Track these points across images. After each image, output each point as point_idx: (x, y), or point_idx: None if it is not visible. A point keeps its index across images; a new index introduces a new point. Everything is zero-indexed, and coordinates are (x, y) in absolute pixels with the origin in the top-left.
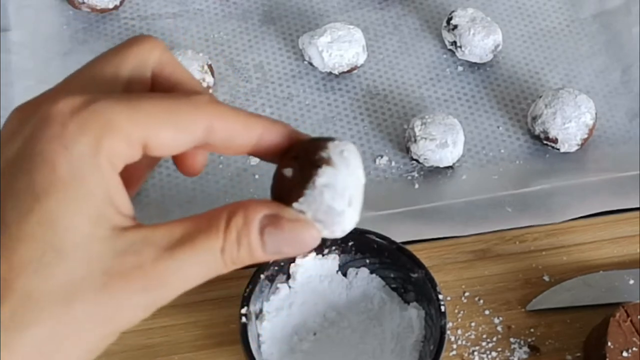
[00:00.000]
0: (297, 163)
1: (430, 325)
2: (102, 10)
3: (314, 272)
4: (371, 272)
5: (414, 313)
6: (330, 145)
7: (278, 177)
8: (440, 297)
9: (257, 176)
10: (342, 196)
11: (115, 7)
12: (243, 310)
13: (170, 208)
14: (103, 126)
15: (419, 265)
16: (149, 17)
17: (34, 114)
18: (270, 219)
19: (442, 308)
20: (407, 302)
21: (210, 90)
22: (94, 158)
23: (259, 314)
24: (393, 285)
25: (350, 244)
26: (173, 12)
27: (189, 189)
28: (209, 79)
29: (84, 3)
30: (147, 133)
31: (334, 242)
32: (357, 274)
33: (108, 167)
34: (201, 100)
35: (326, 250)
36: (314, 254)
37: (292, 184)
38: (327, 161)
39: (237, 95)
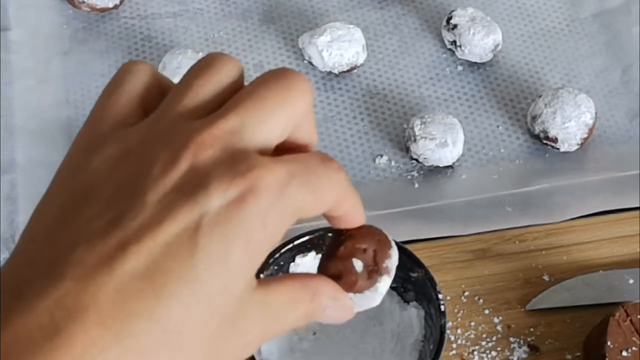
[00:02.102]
0: (365, 258)
1: (430, 324)
2: (102, 10)
3: (314, 271)
4: None
5: (414, 312)
6: (393, 254)
7: (343, 260)
8: (440, 296)
9: None
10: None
11: (115, 7)
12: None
13: None
14: (294, 213)
15: (419, 264)
16: (149, 16)
17: (240, 173)
18: (333, 302)
19: (442, 307)
20: (407, 301)
21: None
22: (274, 240)
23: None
24: (393, 285)
25: None
26: (173, 12)
27: None
28: None
29: (83, 2)
30: (304, 208)
31: None
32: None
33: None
34: (337, 173)
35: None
36: (314, 253)
37: (356, 277)
38: (389, 272)
39: None
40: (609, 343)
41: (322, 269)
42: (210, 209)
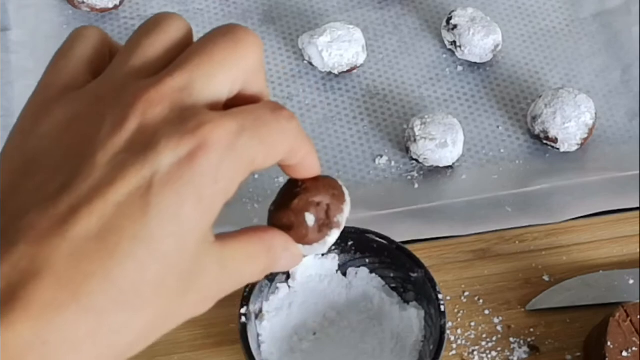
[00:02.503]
0: (318, 211)
1: (430, 325)
2: (102, 10)
3: (314, 271)
4: (371, 272)
5: (414, 313)
6: (346, 208)
7: (296, 213)
8: (440, 296)
9: (256, 176)
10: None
11: (115, 7)
12: (243, 310)
13: None
14: (247, 166)
15: (419, 264)
16: (149, 16)
17: (189, 131)
18: (285, 253)
19: (442, 308)
20: (407, 301)
21: None
22: (228, 194)
23: (258, 314)
24: (393, 285)
25: (350, 243)
26: (173, 12)
27: None
28: None
29: (83, 3)
30: (257, 160)
31: (335, 241)
32: (357, 273)
33: (226, 198)
34: (288, 122)
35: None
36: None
37: (306, 231)
38: (339, 225)
39: None
40: (609, 343)
41: (274, 220)
42: (161, 168)
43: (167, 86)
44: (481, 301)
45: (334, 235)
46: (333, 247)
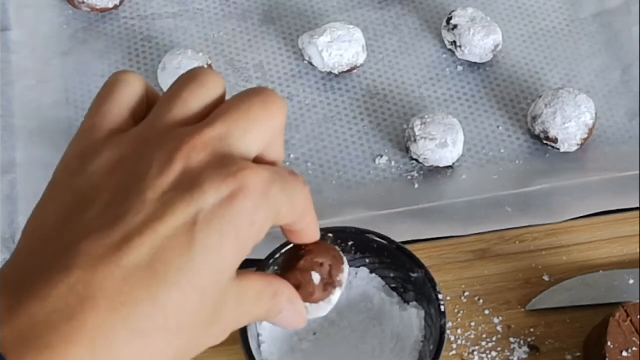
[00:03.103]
0: (322, 271)
1: (430, 325)
2: (102, 10)
3: None
4: (371, 272)
5: (414, 313)
6: (345, 269)
7: (303, 272)
8: (440, 297)
9: None
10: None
11: (115, 7)
12: None
13: None
14: (275, 215)
15: (419, 265)
16: (149, 16)
17: (231, 175)
18: (290, 306)
19: (442, 308)
20: (407, 302)
21: None
22: (259, 238)
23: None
24: (393, 285)
25: (350, 243)
26: (173, 12)
27: None
28: None
29: (83, 3)
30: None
31: (335, 242)
32: (357, 273)
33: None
34: (305, 186)
35: None
36: None
37: (313, 289)
38: (341, 285)
39: None
40: (609, 343)
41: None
42: (206, 206)
43: (208, 135)
44: (481, 301)
45: (337, 294)
46: None
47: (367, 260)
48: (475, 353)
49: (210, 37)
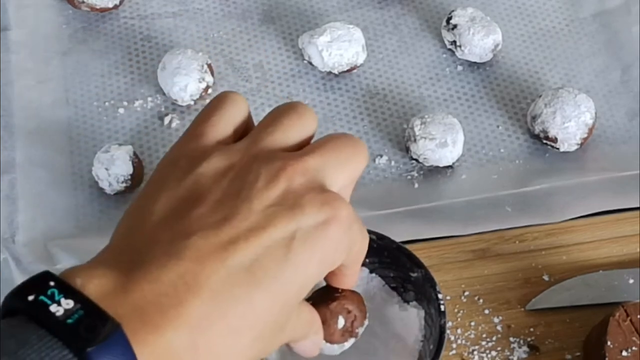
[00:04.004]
0: (347, 318)
1: (430, 324)
2: (102, 10)
3: None
4: (371, 272)
5: (414, 312)
6: (365, 323)
7: (332, 313)
8: (440, 296)
9: None
10: None
11: (115, 7)
12: None
13: None
14: (348, 250)
15: (419, 264)
16: (149, 16)
17: (327, 202)
18: (313, 337)
19: (442, 307)
20: (407, 301)
21: (210, 90)
22: (334, 265)
23: None
24: (392, 285)
25: None
26: (173, 12)
27: None
28: (209, 79)
29: (83, 2)
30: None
31: None
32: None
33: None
34: (367, 237)
35: None
36: None
37: (334, 331)
38: (357, 336)
39: None
40: (609, 343)
41: None
42: (304, 225)
43: (308, 163)
44: (481, 301)
45: (350, 343)
46: None
47: (367, 260)
48: (475, 352)
49: (210, 36)
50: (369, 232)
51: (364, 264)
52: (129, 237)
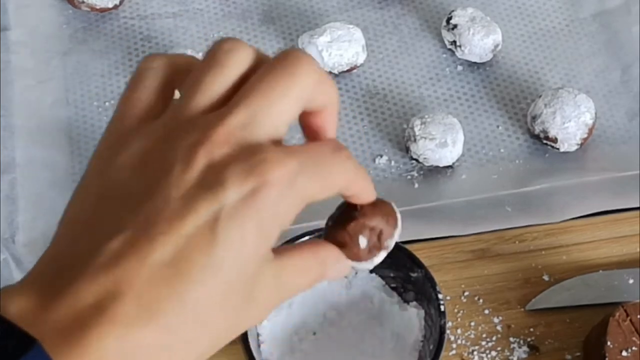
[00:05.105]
0: (371, 235)
1: (430, 324)
2: (102, 10)
3: None
4: (371, 272)
5: (414, 312)
6: (396, 233)
7: (351, 234)
8: (440, 296)
9: None
10: None
11: (115, 7)
12: None
13: None
14: (303, 200)
15: (419, 264)
16: (149, 16)
17: (252, 169)
18: (335, 266)
19: (442, 307)
20: (407, 301)
21: None
22: (284, 225)
23: None
24: (393, 285)
25: None
26: (173, 12)
27: None
28: None
29: (83, 2)
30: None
31: None
32: (356, 273)
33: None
34: (345, 162)
35: None
36: None
37: (358, 250)
38: (387, 248)
39: None
40: (608, 343)
41: (330, 235)
42: (227, 203)
43: (230, 125)
44: (481, 301)
45: (381, 256)
46: None
47: None
48: (475, 353)
49: (210, 36)
50: None
51: None
52: (52, 249)
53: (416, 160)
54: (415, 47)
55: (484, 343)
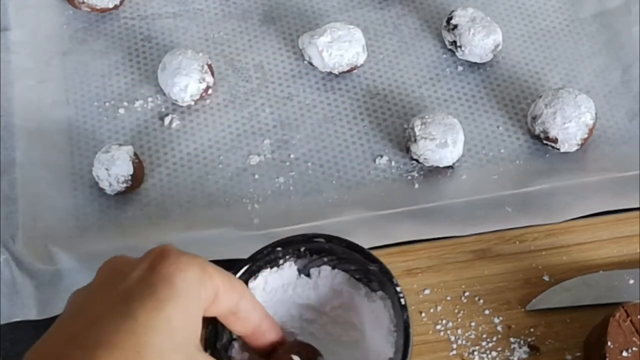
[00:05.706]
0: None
1: (397, 316)
2: (102, 10)
3: (274, 284)
4: (333, 268)
5: (381, 304)
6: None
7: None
8: (399, 289)
9: (256, 176)
10: None
11: (115, 7)
12: (209, 353)
13: (170, 208)
14: (203, 264)
15: (372, 259)
16: (149, 16)
17: (147, 256)
18: None
19: (402, 301)
20: (374, 290)
21: (210, 90)
22: (199, 282)
23: (229, 345)
24: (357, 276)
25: (302, 249)
26: (173, 12)
27: (189, 189)
28: (209, 79)
29: (83, 3)
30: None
31: (287, 252)
32: (319, 272)
33: (204, 294)
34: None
35: (281, 262)
36: (268, 269)
37: None
38: None
39: (237, 95)
40: (609, 343)
41: None
42: None
43: None
44: (481, 301)
45: None
46: (287, 256)
47: (325, 259)
48: (476, 353)
49: (210, 37)
50: (316, 236)
51: (324, 263)
52: None
53: (416, 160)
54: (416, 48)
55: (484, 343)
